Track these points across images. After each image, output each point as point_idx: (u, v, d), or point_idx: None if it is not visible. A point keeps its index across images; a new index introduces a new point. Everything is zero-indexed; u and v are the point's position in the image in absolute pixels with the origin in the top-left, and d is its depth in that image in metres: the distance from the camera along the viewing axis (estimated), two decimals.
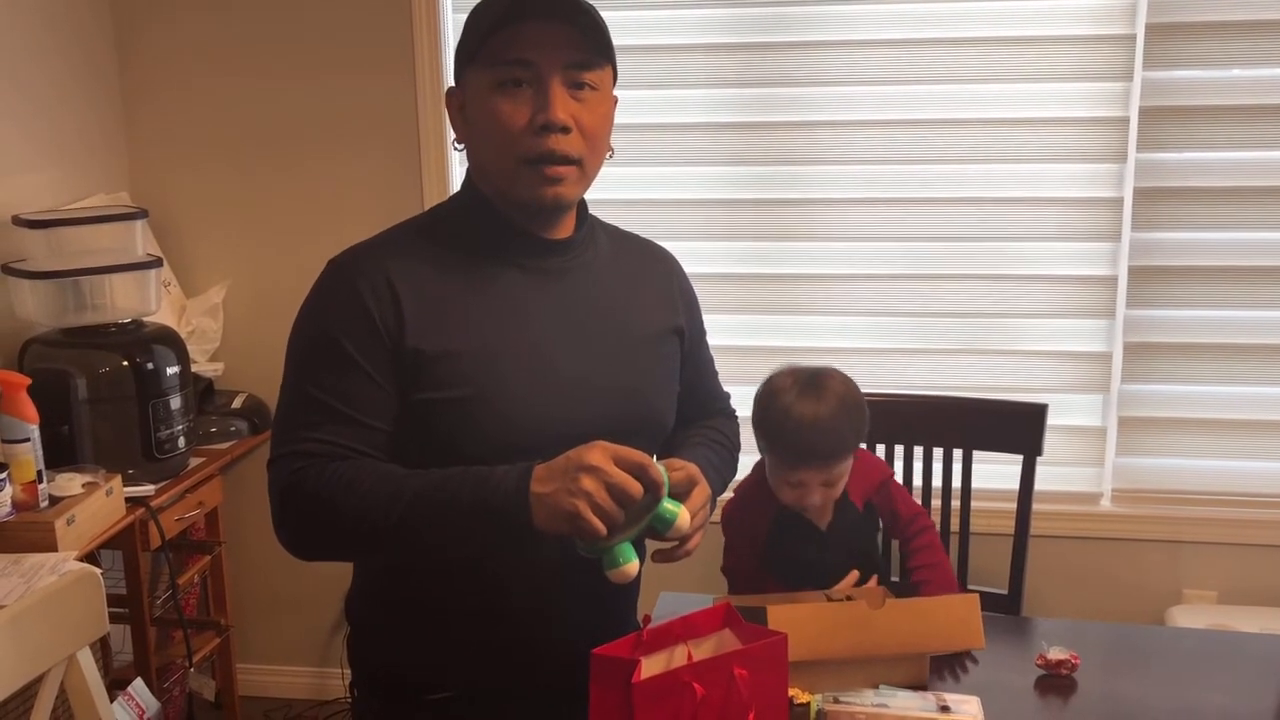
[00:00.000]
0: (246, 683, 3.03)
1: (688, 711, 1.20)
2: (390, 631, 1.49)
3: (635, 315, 1.52)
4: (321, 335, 1.37)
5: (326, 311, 1.38)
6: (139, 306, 2.52)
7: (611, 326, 1.49)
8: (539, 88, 1.35)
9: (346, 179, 2.84)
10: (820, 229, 2.73)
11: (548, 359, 1.41)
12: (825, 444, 1.81)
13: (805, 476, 1.83)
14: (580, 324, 1.45)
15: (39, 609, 1.53)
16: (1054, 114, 2.60)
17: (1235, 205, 2.57)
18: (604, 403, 1.43)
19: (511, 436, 1.36)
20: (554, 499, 1.24)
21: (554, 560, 1.39)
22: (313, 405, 1.35)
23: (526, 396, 1.38)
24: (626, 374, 1.48)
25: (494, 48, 1.35)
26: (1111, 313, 2.67)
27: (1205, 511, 2.67)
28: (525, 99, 1.35)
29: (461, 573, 1.40)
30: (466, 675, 1.44)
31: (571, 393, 1.41)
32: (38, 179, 2.60)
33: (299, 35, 2.80)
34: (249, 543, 3.01)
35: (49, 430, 2.19)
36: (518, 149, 1.36)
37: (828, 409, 1.81)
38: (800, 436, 1.81)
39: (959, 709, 1.47)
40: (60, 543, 2.06)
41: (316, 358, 1.37)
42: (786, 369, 1.89)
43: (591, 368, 1.44)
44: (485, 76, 1.37)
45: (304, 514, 1.35)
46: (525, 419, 1.37)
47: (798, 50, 2.66)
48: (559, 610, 1.43)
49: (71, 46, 2.73)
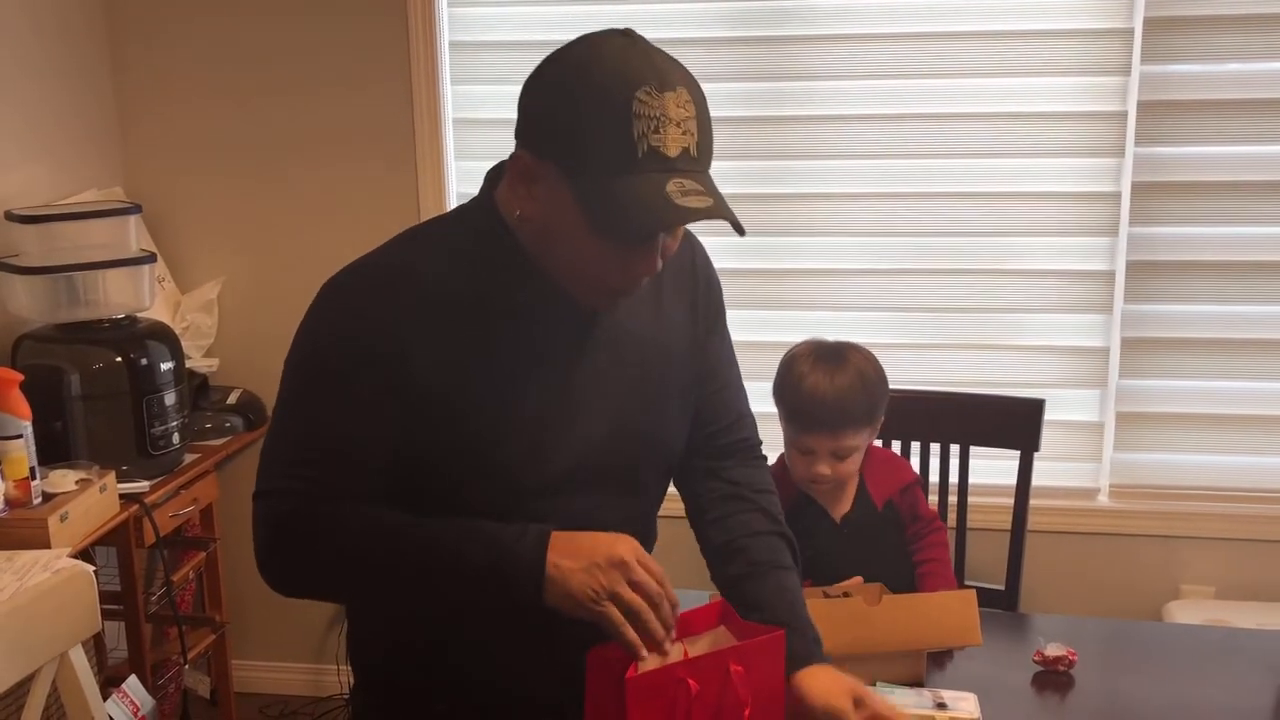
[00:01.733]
0: (242, 679, 3.02)
1: (683, 707, 1.20)
2: (387, 629, 1.47)
3: (658, 336, 1.41)
4: (318, 366, 1.28)
5: (323, 339, 1.28)
6: (133, 302, 2.52)
7: (632, 364, 1.38)
8: None
9: (341, 174, 2.83)
10: (817, 224, 2.72)
11: (563, 399, 1.32)
12: (833, 411, 1.87)
13: (814, 443, 1.87)
14: (600, 367, 1.35)
15: (31, 606, 1.52)
16: (1052, 108, 2.60)
17: (1233, 200, 2.57)
18: (618, 444, 1.36)
19: (518, 476, 1.30)
20: (575, 585, 1.19)
21: None
22: (305, 440, 1.28)
23: (537, 438, 1.31)
24: (645, 416, 1.39)
25: None
26: (1109, 308, 2.66)
27: (1203, 507, 2.67)
28: (649, 251, 1.24)
29: None
30: (465, 672, 1.43)
31: (586, 435, 1.33)
32: (31, 174, 2.59)
33: (295, 34, 2.79)
34: (244, 539, 2.96)
35: (42, 426, 2.18)
36: (605, 282, 1.26)
37: (843, 379, 1.88)
38: (811, 401, 1.87)
39: (956, 705, 1.47)
40: (53, 540, 2.06)
41: (312, 389, 1.29)
42: (813, 339, 1.97)
43: (610, 410, 1.35)
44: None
45: (292, 556, 1.30)
46: (534, 460, 1.30)
47: (795, 44, 2.65)
48: (560, 614, 1.41)
49: (65, 41, 2.72)
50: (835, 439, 1.87)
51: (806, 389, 1.89)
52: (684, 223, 1.23)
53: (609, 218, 1.18)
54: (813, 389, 1.88)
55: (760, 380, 2.75)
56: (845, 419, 1.87)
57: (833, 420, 1.87)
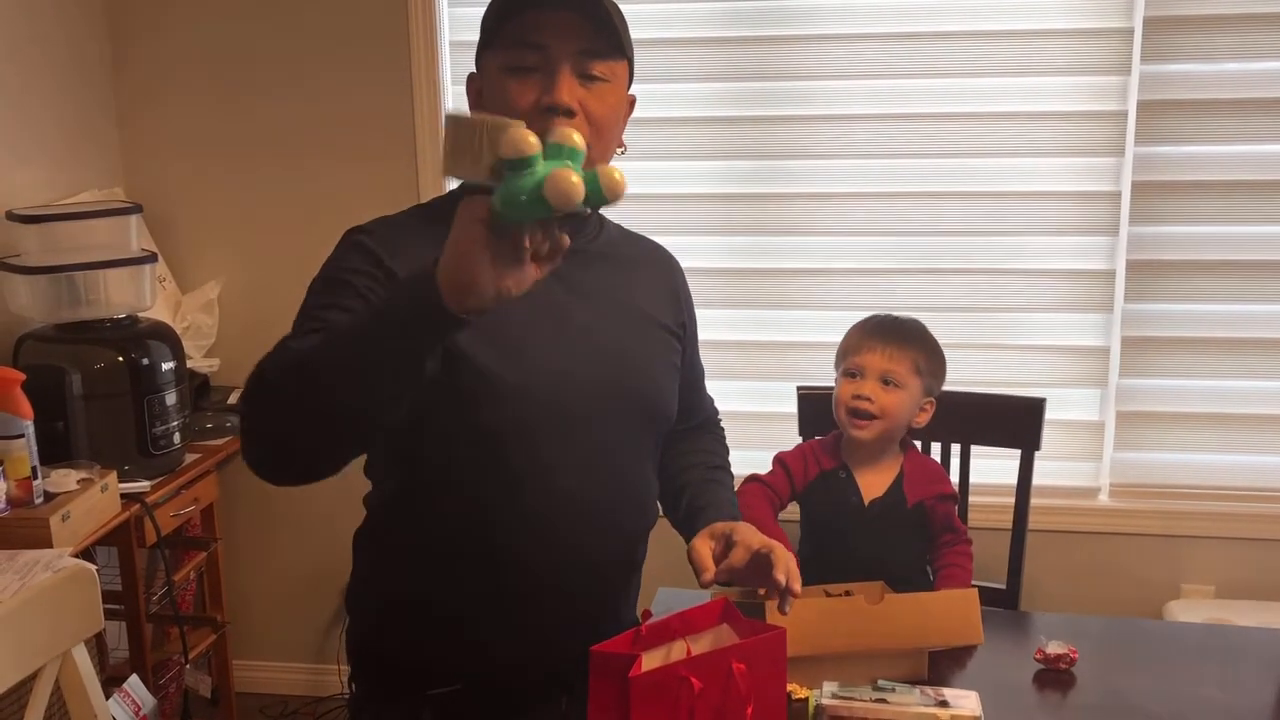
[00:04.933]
0: (243, 679, 3.02)
1: (685, 706, 1.20)
2: (392, 622, 1.48)
3: (642, 301, 1.54)
4: (333, 277, 1.36)
5: (341, 261, 1.38)
6: (134, 302, 2.52)
7: (621, 305, 1.49)
8: (548, 72, 1.35)
9: (343, 174, 2.83)
10: (816, 224, 2.72)
11: (558, 321, 1.41)
12: (895, 327, 2.00)
13: (867, 359, 1.96)
14: (589, 297, 1.46)
15: (33, 606, 1.52)
16: (1052, 108, 2.60)
17: (1233, 199, 2.57)
18: (609, 363, 1.44)
19: (513, 380, 1.36)
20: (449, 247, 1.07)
21: (560, 544, 1.40)
22: (307, 323, 1.31)
23: (537, 351, 1.38)
24: (635, 346, 1.49)
25: (508, 31, 1.36)
26: (1110, 307, 2.66)
27: (1203, 506, 2.67)
28: (534, 83, 1.35)
29: (469, 558, 1.40)
30: (468, 665, 1.44)
31: (582, 352, 1.42)
32: (31, 174, 2.59)
33: (296, 32, 2.79)
34: (245, 538, 3.00)
35: (43, 426, 2.18)
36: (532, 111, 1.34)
37: (913, 322, 2.07)
38: (878, 322, 2.03)
39: (957, 704, 1.47)
40: (55, 539, 2.06)
41: (324, 291, 1.35)
42: None
43: (602, 333, 1.45)
44: (498, 59, 1.38)
45: (255, 395, 1.23)
46: (528, 366, 1.37)
47: (792, 44, 2.66)
48: (563, 599, 1.43)
49: (65, 40, 2.72)
50: (888, 357, 1.95)
51: (876, 318, 2.05)
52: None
53: (497, 30, 1.36)
54: (881, 318, 2.06)
55: (759, 380, 2.78)
56: (905, 338, 1.98)
57: (892, 332, 1.98)
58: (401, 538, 1.46)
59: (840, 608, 1.56)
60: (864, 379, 1.95)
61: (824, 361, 2.16)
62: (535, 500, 1.38)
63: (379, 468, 1.49)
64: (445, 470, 1.39)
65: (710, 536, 1.42)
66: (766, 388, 2.76)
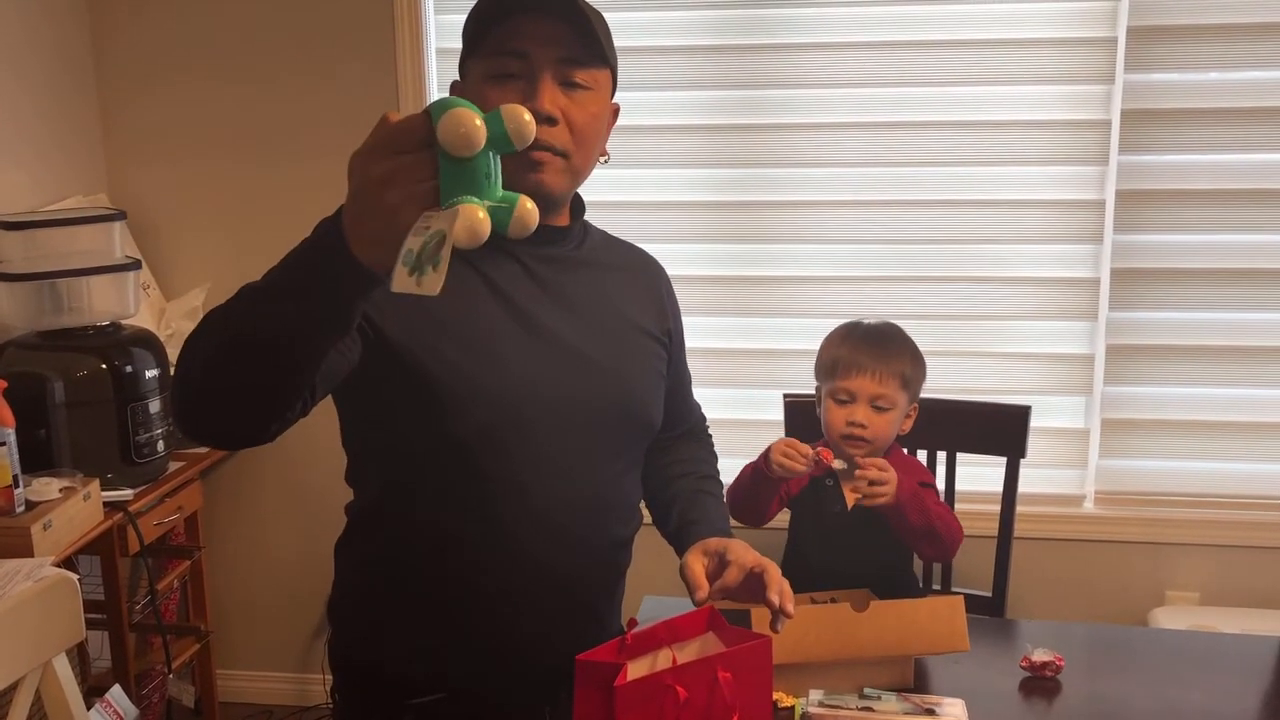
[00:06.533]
0: (226, 689, 3.01)
1: (671, 715, 1.19)
2: (373, 631, 1.47)
3: (626, 308, 1.53)
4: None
5: None
6: (117, 309, 2.50)
7: (603, 312, 1.49)
8: (530, 80, 1.35)
9: (328, 181, 2.80)
10: (802, 231, 2.73)
11: (535, 329, 1.40)
12: (878, 339, 1.98)
13: (857, 385, 1.94)
14: (570, 306, 1.45)
15: (14, 615, 1.51)
16: (1036, 117, 2.61)
17: (1217, 208, 2.58)
18: (592, 376, 1.43)
19: (485, 386, 1.35)
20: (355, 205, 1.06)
21: (535, 556, 1.39)
22: None
23: (512, 358, 1.37)
24: (616, 355, 1.47)
25: (490, 39, 1.36)
26: (1094, 315, 2.67)
27: (1188, 513, 2.68)
28: (516, 90, 1.35)
29: (445, 568, 1.39)
30: (449, 675, 1.43)
31: (559, 360, 1.41)
32: (14, 180, 2.58)
33: (279, 35, 2.79)
34: (229, 547, 2.99)
35: (25, 434, 2.17)
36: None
37: (889, 329, 2.04)
38: (860, 336, 2.00)
39: (944, 711, 1.47)
40: (36, 548, 2.04)
41: None
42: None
43: (581, 341, 1.43)
44: (481, 67, 1.38)
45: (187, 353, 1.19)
46: (500, 373, 1.36)
47: (779, 52, 2.66)
48: (541, 609, 1.42)
49: (48, 46, 2.71)
50: (877, 380, 1.93)
51: (858, 331, 2.02)
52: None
53: (479, 38, 1.36)
54: (862, 331, 2.02)
55: (745, 386, 2.78)
56: (891, 354, 1.96)
57: (879, 350, 1.96)
58: (378, 548, 1.46)
59: (826, 615, 1.56)
60: (855, 404, 1.95)
61: (809, 369, 2.15)
62: (508, 510, 1.37)
63: (357, 476, 1.49)
64: (418, 479, 1.39)
65: (703, 553, 1.41)
66: (751, 395, 2.76)
